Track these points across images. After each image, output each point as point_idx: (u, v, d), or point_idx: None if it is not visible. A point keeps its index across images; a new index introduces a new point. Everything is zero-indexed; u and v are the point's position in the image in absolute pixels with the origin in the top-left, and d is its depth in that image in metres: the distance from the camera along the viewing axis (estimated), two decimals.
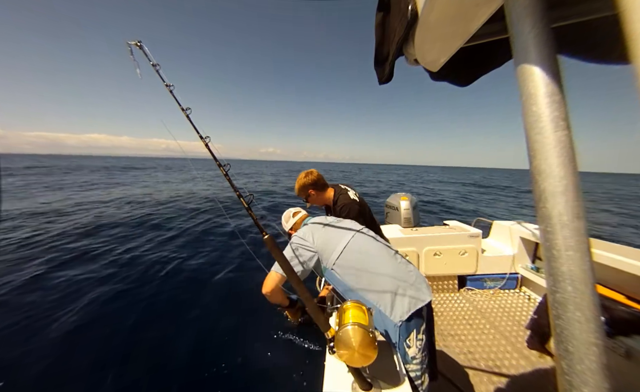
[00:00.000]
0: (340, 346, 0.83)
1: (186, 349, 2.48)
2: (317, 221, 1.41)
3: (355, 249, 1.20)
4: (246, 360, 2.39)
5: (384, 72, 0.85)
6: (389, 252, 1.23)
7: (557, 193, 0.29)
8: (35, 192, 11.39)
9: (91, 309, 2.99)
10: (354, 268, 1.16)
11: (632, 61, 0.24)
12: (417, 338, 1.06)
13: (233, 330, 2.78)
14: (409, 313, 1.05)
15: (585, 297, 0.28)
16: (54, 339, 2.52)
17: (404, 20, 0.58)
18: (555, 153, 0.29)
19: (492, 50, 0.76)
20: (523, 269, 2.78)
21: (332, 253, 1.20)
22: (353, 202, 1.79)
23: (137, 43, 1.41)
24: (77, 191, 12.18)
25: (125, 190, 12.97)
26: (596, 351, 0.27)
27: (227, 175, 1.17)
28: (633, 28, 0.23)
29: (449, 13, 0.49)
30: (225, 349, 2.53)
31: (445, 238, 2.82)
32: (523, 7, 0.33)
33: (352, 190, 1.91)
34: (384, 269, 1.14)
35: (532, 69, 0.31)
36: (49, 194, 11.32)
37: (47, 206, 8.49)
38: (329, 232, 1.29)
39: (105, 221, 6.55)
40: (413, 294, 1.09)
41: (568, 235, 0.28)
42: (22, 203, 8.73)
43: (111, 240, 5.26)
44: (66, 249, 4.67)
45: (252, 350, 2.50)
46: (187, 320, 2.91)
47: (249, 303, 3.22)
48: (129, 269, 4.01)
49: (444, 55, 0.63)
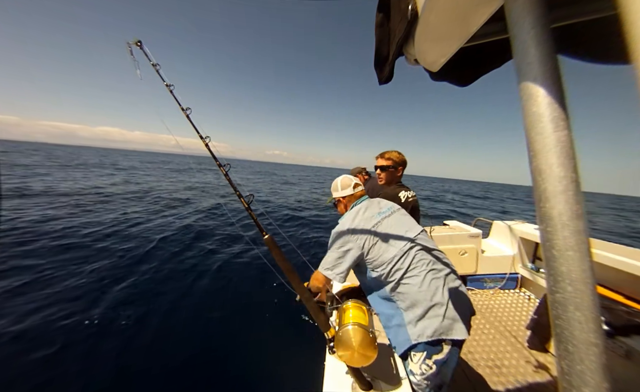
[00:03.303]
0: (340, 346, 0.83)
1: (186, 348, 2.48)
2: (377, 210, 1.23)
3: (408, 258, 1.08)
4: (246, 360, 2.39)
5: (384, 73, 0.85)
6: (439, 266, 1.11)
7: (557, 193, 0.29)
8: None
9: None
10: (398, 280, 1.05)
11: (632, 61, 0.24)
12: (424, 362, 0.98)
13: (233, 329, 2.79)
14: (430, 339, 0.96)
15: (585, 297, 0.27)
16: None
17: (404, 20, 0.58)
18: (555, 153, 0.29)
19: (492, 50, 0.76)
20: (523, 269, 2.78)
21: (382, 256, 1.08)
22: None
23: (137, 43, 1.41)
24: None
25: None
26: (596, 351, 0.27)
27: (227, 175, 1.17)
28: (633, 28, 0.23)
29: (449, 13, 0.49)
30: (225, 348, 2.53)
31: (445, 238, 2.82)
32: (523, 7, 0.32)
33: (405, 191, 1.71)
34: (427, 285, 1.03)
35: (532, 69, 0.31)
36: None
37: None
38: (387, 231, 1.14)
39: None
40: (446, 326, 0.98)
41: (568, 235, 0.28)
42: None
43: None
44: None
45: (252, 350, 2.50)
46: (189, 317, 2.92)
47: (249, 303, 3.23)
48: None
49: (444, 55, 0.63)
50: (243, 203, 1.09)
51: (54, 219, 6.02)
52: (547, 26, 0.32)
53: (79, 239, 4.92)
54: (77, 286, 3.39)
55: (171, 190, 12.43)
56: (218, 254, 4.81)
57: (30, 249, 4.34)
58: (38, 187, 9.94)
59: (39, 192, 9.13)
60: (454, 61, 0.66)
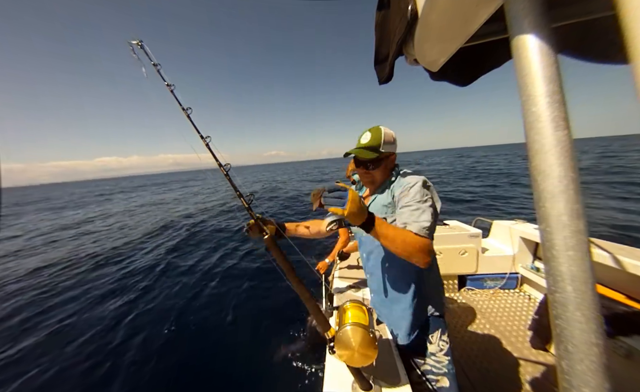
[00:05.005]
0: (340, 346, 0.83)
1: (186, 345, 2.48)
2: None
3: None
4: (246, 360, 2.39)
5: (384, 72, 0.85)
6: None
7: (557, 193, 0.29)
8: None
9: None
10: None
11: (632, 61, 0.24)
12: (441, 339, 1.07)
13: (233, 329, 2.79)
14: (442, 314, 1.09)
15: (585, 297, 0.27)
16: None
17: (404, 20, 0.58)
18: (555, 153, 0.29)
19: (492, 50, 0.76)
20: (523, 269, 2.78)
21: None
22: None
23: (139, 43, 1.40)
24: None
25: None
26: (596, 351, 0.27)
27: (228, 176, 1.17)
28: (633, 28, 0.23)
29: (449, 13, 0.49)
30: (225, 348, 2.53)
31: (445, 238, 2.81)
32: (523, 7, 0.32)
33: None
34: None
35: (532, 69, 0.31)
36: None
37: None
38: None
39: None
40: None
41: (568, 235, 0.28)
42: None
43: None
44: None
45: (252, 350, 2.50)
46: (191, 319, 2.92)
47: (250, 302, 3.23)
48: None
49: (444, 55, 0.63)
50: (243, 203, 1.09)
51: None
52: (547, 26, 0.32)
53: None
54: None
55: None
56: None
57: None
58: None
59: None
60: (454, 61, 0.66)
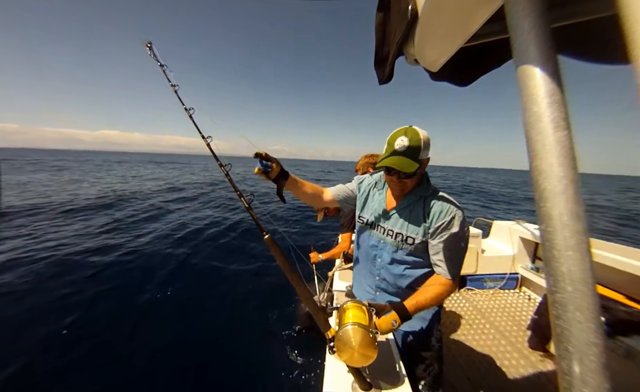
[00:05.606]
0: (340, 346, 0.83)
1: (185, 343, 2.49)
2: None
3: None
4: (246, 359, 2.39)
5: (384, 72, 0.85)
6: None
7: (557, 193, 0.29)
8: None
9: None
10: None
11: (632, 61, 0.24)
12: (437, 329, 1.15)
13: (232, 329, 2.79)
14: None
15: (585, 297, 0.27)
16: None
17: (404, 20, 0.58)
18: (555, 153, 0.29)
19: (492, 50, 0.76)
20: (523, 269, 2.78)
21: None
22: None
23: (148, 44, 1.42)
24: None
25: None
26: (596, 351, 0.27)
27: (228, 175, 1.17)
28: (633, 28, 0.23)
29: (449, 13, 0.49)
30: (225, 348, 2.53)
31: None
32: (523, 7, 0.32)
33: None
34: None
35: (532, 69, 0.31)
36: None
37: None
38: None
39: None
40: None
41: (568, 235, 0.28)
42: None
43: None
44: None
45: (252, 350, 2.50)
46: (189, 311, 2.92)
47: (250, 303, 3.23)
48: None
49: (444, 55, 0.63)
50: (243, 203, 1.08)
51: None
52: (547, 26, 0.32)
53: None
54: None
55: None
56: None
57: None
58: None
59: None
60: (454, 61, 0.66)
